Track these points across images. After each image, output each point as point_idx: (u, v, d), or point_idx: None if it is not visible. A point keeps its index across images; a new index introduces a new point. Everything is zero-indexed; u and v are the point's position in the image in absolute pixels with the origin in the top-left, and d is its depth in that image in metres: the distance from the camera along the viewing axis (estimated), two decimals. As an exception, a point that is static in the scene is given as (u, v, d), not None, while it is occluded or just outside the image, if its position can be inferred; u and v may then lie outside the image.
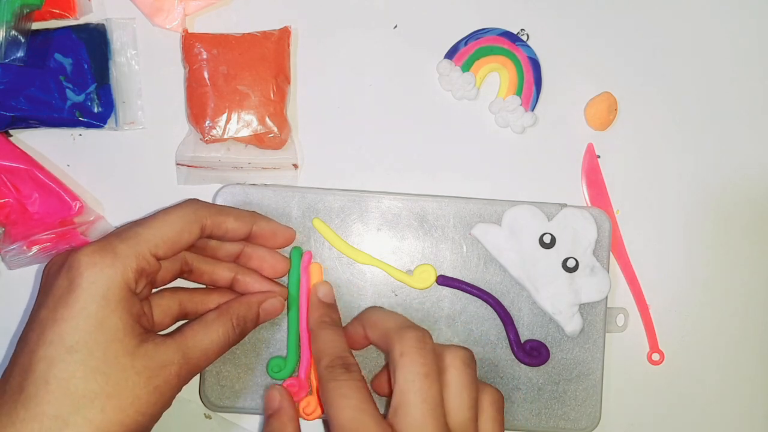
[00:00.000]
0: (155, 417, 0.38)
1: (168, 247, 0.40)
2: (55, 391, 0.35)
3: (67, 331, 0.36)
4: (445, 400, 0.39)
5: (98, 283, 0.37)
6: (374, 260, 0.48)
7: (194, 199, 0.43)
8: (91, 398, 0.35)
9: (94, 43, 0.48)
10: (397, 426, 0.38)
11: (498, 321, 0.48)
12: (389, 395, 0.40)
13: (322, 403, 0.41)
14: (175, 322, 0.44)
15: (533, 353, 0.48)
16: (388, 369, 0.41)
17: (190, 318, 0.44)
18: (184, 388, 0.40)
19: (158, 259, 0.39)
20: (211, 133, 0.47)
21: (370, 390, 0.40)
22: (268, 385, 0.47)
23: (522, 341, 0.48)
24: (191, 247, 0.42)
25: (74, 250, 0.38)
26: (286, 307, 0.46)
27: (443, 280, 0.48)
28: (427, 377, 0.38)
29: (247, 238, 0.44)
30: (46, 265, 0.40)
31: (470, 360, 0.41)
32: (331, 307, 0.46)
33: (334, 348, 0.42)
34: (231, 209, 0.43)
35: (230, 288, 0.45)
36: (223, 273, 0.45)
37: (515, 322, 0.48)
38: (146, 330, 0.38)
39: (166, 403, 0.38)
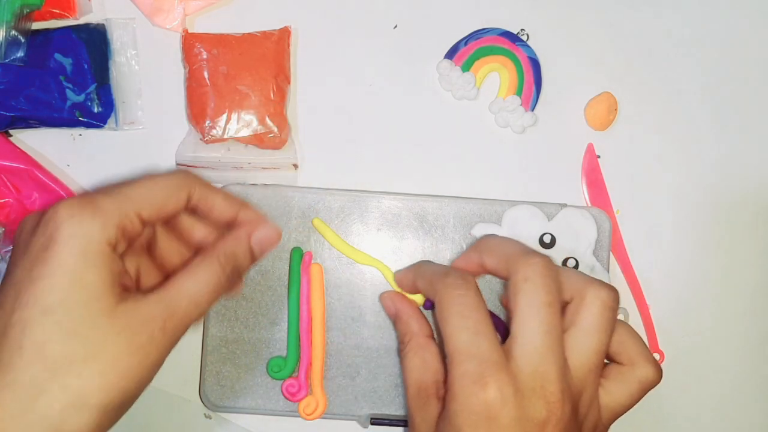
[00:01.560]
0: (142, 380, 0.34)
1: (153, 210, 0.36)
2: (29, 357, 0.32)
3: (43, 290, 0.33)
4: (573, 338, 0.37)
5: (77, 237, 0.33)
6: (373, 260, 0.48)
7: (185, 169, 0.40)
8: (68, 363, 0.32)
9: (94, 43, 0.48)
10: (514, 355, 0.36)
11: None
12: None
13: (438, 319, 0.38)
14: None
15: None
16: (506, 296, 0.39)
17: None
18: (185, 384, 0.38)
19: (141, 221, 0.36)
20: (211, 133, 0.47)
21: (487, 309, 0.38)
22: (268, 385, 0.47)
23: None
24: (166, 221, 0.39)
25: (52, 204, 0.34)
26: (287, 305, 0.46)
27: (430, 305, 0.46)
28: (551, 306, 0.36)
29: (229, 225, 0.40)
30: (21, 222, 0.37)
31: (613, 302, 0.38)
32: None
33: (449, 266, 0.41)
34: (221, 189, 0.40)
35: None
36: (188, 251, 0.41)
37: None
38: (126, 288, 0.35)
39: (154, 364, 0.35)
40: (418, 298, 0.46)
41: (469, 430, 0.35)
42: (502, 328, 0.45)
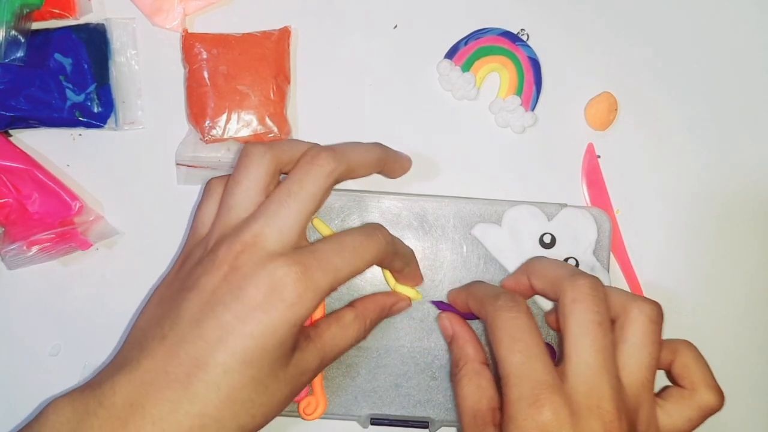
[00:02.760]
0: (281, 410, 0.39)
1: (347, 276, 0.39)
2: (224, 398, 0.35)
3: (252, 348, 0.35)
4: (624, 354, 0.37)
5: (295, 309, 0.36)
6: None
7: (377, 231, 0.41)
8: (249, 406, 0.36)
9: (94, 43, 0.48)
10: (568, 376, 0.36)
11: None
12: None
13: (491, 341, 0.39)
14: None
15: None
16: (556, 317, 0.40)
17: None
18: None
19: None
20: (211, 133, 0.47)
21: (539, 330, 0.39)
22: None
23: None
24: None
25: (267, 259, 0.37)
26: None
27: (442, 306, 0.47)
28: (601, 325, 0.37)
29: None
30: (209, 188, 0.42)
31: (657, 316, 0.39)
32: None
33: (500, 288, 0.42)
34: (406, 247, 0.45)
35: None
36: None
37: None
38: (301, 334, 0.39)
39: (293, 398, 0.40)
40: (410, 292, 0.46)
41: None
42: (551, 352, 0.46)
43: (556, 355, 0.48)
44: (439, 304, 0.47)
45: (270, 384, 0.37)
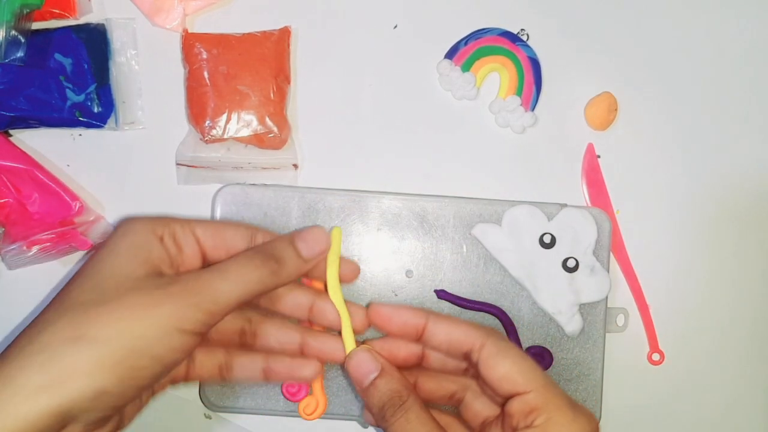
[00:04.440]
0: (162, 336, 0.34)
1: (211, 238, 0.38)
2: (56, 305, 0.34)
3: (94, 260, 0.36)
4: None
5: (126, 228, 0.37)
6: (343, 306, 0.41)
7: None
8: (85, 306, 0.34)
9: (94, 43, 0.48)
10: None
11: (498, 321, 0.48)
12: None
13: None
14: None
15: (536, 359, 0.47)
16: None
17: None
18: (185, 384, 0.40)
19: (198, 243, 0.38)
20: (211, 133, 0.47)
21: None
22: (268, 385, 0.47)
23: (524, 347, 0.48)
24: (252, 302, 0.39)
25: None
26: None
27: (444, 295, 0.48)
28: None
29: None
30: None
31: None
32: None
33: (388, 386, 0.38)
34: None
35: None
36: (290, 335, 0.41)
37: (515, 323, 0.48)
38: (162, 273, 0.37)
39: (177, 320, 0.34)
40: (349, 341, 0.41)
41: None
42: (546, 355, 0.48)
43: (552, 358, 0.48)
44: (441, 293, 0.47)
45: (108, 285, 0.35)
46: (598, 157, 0.51)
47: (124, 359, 0.33)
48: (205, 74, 0.47)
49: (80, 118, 0.47)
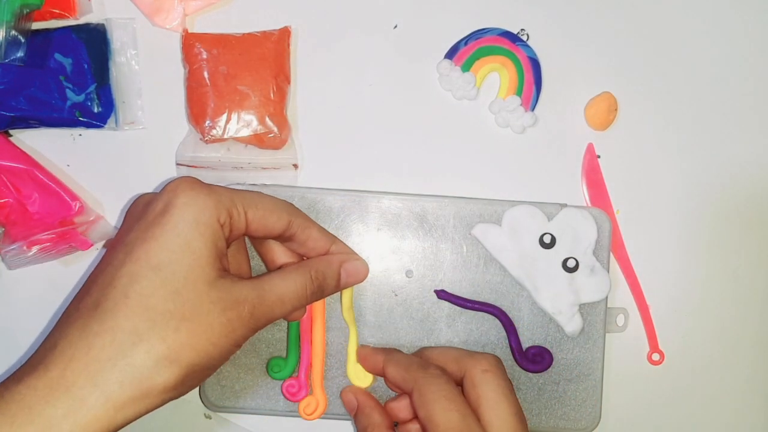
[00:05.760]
0: (224, 353, 0.37)
1: (258, 215, 0.40)
2: (134, 306, 0.35)
3: (155, 249, 0.36)
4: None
5: (192, 206, 0.37)
6: (353, 323, 0.47)
7: (288, 200, 0.43)
8: (168, 317, 0.35)
9: (94, 43, 0.48)
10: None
11: (498, 321, 0.48)
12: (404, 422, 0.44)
13: (422, 403, 0.41)
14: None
15: (536, 359, 0.47)
16: (463, 390, 0.42)
17: None
18: None
19: (246, 222, 0.39)
20: (211, 133, 0.47)
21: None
22: (268, 385, 0.47)
23: (524, 347, 0.48)
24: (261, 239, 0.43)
25: (169, 184, 0.38)
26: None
27: (443, 295, 0.48)
28: (513, 393, 0.41)
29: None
30: (134, 203, 0.40)
31: (490, 366, 0.42)
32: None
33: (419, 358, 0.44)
34: (316, 223, 0.44)
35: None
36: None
37: (515, 323, 0.48)
38: (224, 268, 0.38)
39: (237, 341, 0.37)
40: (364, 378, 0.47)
41: None
42: (546, 354, 0.48)
43: (552, 358, 0.48)
44: (441, 293, 0.47)
45: (191, 297, 0.35)
46: (598, 157, 0.51)
47: (195, 376, 0.36)
48: (205, 74, 0.47)
49: (80, 118, 0.47)
